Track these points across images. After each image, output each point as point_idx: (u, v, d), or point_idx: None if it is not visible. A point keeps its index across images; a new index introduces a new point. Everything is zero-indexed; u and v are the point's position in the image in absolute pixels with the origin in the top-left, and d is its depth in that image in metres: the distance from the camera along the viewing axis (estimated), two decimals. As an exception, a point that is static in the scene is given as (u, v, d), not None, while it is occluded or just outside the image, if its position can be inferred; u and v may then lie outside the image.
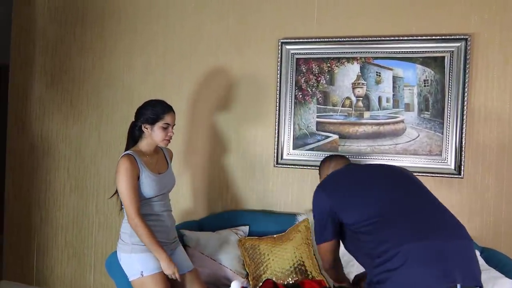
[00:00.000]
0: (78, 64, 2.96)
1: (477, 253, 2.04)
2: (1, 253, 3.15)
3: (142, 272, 1.78)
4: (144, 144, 1.93)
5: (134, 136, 1.95)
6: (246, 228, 2.44)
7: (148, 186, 1.83)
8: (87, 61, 2.94)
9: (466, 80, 2.23)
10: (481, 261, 1.95)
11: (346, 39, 2.42)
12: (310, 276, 2.06)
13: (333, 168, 1.71)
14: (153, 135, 1.88)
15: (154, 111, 1.87)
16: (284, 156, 2.53)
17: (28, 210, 3.07)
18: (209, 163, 2.71)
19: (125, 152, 1.88)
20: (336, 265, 1.62)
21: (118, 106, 2.89)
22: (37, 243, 3.05)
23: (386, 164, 1.69)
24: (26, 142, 3.08)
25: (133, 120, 1.95)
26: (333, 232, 1.51)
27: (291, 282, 2.07)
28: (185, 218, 2.71)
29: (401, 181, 1.51)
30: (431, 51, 2.30)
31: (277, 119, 2.54)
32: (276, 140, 2.55)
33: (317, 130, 2.49)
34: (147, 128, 1.88)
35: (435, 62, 2.30)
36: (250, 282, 2.16)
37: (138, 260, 1.80)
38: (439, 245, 1.25)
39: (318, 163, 2.23)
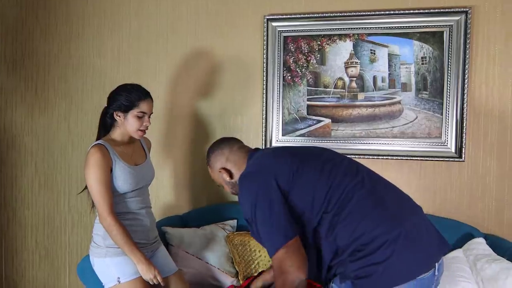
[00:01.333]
0: (42, 49, 2.67)
1: (482, 240, 1.92)
2: (-35, 258, 2.87)
3: (118, 278, 1.58)
4: (117, 134, 1.70)
5: (105, 124, 1.72)
6: (234, 222, 2.25)
7: (122, 180, 1.61)
8: (52, 45, 2.66)
9: (467, 56, 2.08)
10: (489, 250, 1.82)
11: (338, 14, 2.22)
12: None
13: (227, 158, 1.37)
14: (126, 124, 1.66)
15: (129, 97, 1.65)
16: (273, 143, 2.34)
17: (-7, 210, 2.80)
18: (192, 154, 2.50)
19: (95, 142, 1.66)
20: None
21: (88, 94, 2.63)
22: (4, 246, 2.79)
23: (315, 146, 1.44)
24: (-13, 136, 2.79)
25: (105, 106, 1.72)
26: (295, 223, 1.16)
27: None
28: (167, 213, 2.50)
29: (345, 159, 1.30)
30: (429, 25, 2.13)
31: (264, 103, 2.34)
32: (263, 126, 2.35)
33: (308, 114, 2.30)
34: (119, 116, 1.66)
35: (433, 38, 2.13)
36: (241, 282, 1.98)
37: (113, 265, 1.59)
38: (412, 224, 1.16)
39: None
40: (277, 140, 2.34)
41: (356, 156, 2.22)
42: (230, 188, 1.44)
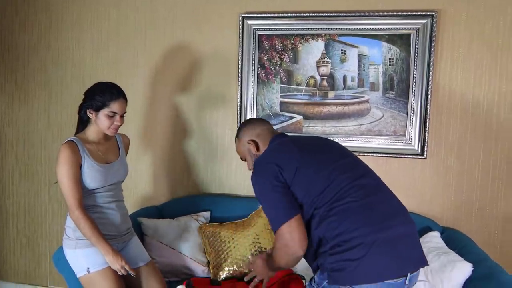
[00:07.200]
0: (22, 40, 2.70)
1: (437, 234, 2.05)
2: None
3: (88, 268, 1.66)
4: (91, 130, 1.76)
5: (82, 120, 1.78)
6: (207, 214, 2.35)
7: (91, 177, 1.68)
8: (31, 37, 2.68)
9: (432, 58, 2.17)
10: (441, 243, 1.95)
11: (311, 14, 2.29)
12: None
13: (258, 133, 1.50)
14: (98, 122, 1.72)
15: (100, 97, 1.69)
16: (247, 138, 2.42)
17: (-26, 199, 2.85)
18: (170, 147, 2.58)
19: (68, 139, 1.72)
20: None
21: (68, 85, 2.67)
22: (-14, 234, 2.86)
23: (330, 140, 1.51)
24: (-33, 126, 2.82)
25: (82, 102, 1.78)
26: (297, 204, 1.29)
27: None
28: (145, 204, 2.58)
29: (355, 162, 1.41)
30: (396, 28, 2.21)
31: (239, 99, 2.41)
32: (238, 121, 2.43)
33: (280, 110, 2.39)
34: (91, 114, 1.72)
35: (401, 40, 2.22)
36: (211, 271, 2.09)
37: (83, 255, 1.68)
38: (396, 233, 1.24)
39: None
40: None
41: (326, 152, 2.32)
42: (252, 162, 1.50)
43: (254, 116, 2.41)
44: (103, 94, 1.69)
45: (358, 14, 2.24)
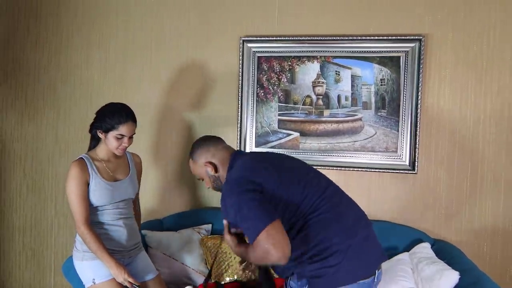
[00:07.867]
0: (33, 59, 2.84)
1: (428, 245, 2.15)
2: (-47, 258, 3.00)
3: (94, 279, 1.75)
4: (102, 148, 1.86)
5: (94, 137, 1.89)
6: (209, 227, 2.45)
7: (98, 195, 1.77)
8: (42, 56, 2.82)
9: (420, 79, 2.31)
10: (431, 253, 2.05)
11: (307, 37, 2.44)
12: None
13: (213, 154, 1.49)
14: (107, 142, 1.81)
15: (110, 119, 1.77)
16: (247, 154, 2.55)
17: (-18, 212, 2.94)
18: (173, 162, 2.69)
19: (79, 156, 1.83)
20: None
21: (76, 103, 2.80)
22: (-8, 246, 2.94)
23: (290, 156, 1.54)
24: (-22, 142, 2.94)
25: (93, 121, 1.88)
26: (274, 210, 1.26)
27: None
28: (148, 217, 2.67)
29: (317, 175, 1.47)
30: (387, 51, 2.36)
31: (239, 117, 2.54)
32: (238, 138, 2.56)
33: (278, 128, 2.51)
34: (101, 134, 1.82)
35: (391, 62, 2.36)
36: (213, 281, 2.17)
37: (89, 267, 1.77)
38: (362, 237, 1.37)
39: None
40: (250, 151, 2.54)
41: (322, 167, 2.43)
42: (211, 182, 1.53)
43: (254, 134, 2.54)
44: (113, 117, 1.77)
45: (351, 38, 2.39)
